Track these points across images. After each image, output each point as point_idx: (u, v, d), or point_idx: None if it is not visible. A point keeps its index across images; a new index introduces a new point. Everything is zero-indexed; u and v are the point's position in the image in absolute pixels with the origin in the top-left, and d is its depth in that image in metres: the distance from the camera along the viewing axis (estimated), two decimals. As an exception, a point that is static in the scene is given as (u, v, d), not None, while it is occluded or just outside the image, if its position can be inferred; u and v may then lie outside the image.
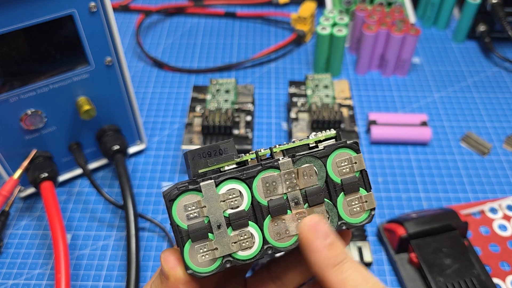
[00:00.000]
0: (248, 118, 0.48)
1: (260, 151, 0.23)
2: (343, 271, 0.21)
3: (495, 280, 0.39)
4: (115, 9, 0.67)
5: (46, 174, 0.40)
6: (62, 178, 0.45)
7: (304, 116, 0.47)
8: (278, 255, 0.25)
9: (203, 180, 0.22)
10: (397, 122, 0.50)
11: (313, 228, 0.22)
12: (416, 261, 0.38)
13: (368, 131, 0.51)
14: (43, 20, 0.35)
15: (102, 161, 0.47)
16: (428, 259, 0.38)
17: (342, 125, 0.46)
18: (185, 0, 0.69)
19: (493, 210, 0.44)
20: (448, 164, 0.48)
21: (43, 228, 0.43)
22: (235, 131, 0.46)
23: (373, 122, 0.50)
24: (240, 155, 0.23)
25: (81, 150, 0.44)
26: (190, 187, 0.22)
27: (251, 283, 0.28)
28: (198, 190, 0.22)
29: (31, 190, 0.44)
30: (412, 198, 0.45)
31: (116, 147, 0.43)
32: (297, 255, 0.26)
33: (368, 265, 0.38)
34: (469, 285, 0.36)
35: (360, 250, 0.39)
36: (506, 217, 0.43)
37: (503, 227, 0.42)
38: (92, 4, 0.36)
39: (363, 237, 0.40)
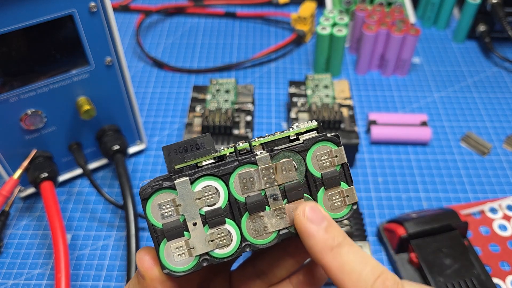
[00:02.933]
0: (248, 118, 0.48)
1: (239, 144, 0.22)
2: (341, 255, 0.21)
3: (495, 280, 0.39)
4: (115, 9, 0.67)
5: (46, 174, 0.40)
6: (62, 178, 0.45)
7: (304, 116, 0.47)
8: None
9: (178, 177, 0.21)
10: (397, 122, 0.50)
11: (307, 214, 0.21)
12: (416, 261, 0.38)
13: (368, 131, 0.51)
14: (43, 20, 0.35)
15: (102, 161, 0.47)
16: (428, 259, 0.38)
17: (342, 125, 0.46)
18: (185, 0, 0.69)
19: (493, 210, 0.44)
20: (448, 164, 0.48)
21: (43, 228, 0.43)
22: (235, 131, 0.46)
23: (373, 122, 0.50)
24: (218, 149, 0.22)
25: (81, 150, 0.44)
26: (164, 185, 0.21)
27: (236, 278, 0.28)
28: (173, 188, 0.21)
29: (31, 190, 0.44)
30: (412, 198, 0.45)
31: (116, 147, 0.43)
32: (281, 250, 0.26)
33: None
34: (469, 285, 0.36)
35: (360, 250, 0.38)
36: (506, 217, 0.43)
37: (503, 227, 0.42)
38: (92, 4, 0.36)
39: (363, 237, 0.40)
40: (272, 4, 0.69)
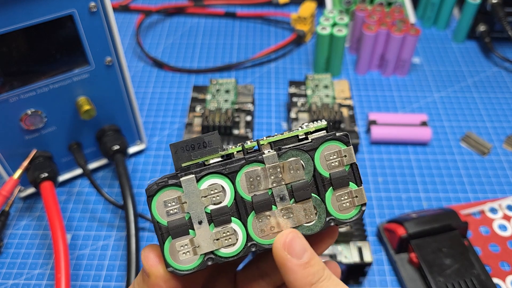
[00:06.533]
0: (248, 118, 0.48)
1: (247, 143, 0.22)
2: None
3: (495, 280, 0.39)
4: (115, 9, 0.67)
5: (46, 174, 0.40)
6: (62, 178, 0.45)
7: (304, 116, 0.47)
8: None
9: (184, 175, 0.21)
10: (397, 122, 0.50)
11: (287, 246, 0.21)
12: (416, 261, 0.38)
13: (368, 131, 0.51)
14: (43, 20, 0.35)
15: (102, 161, 0.47)
16: (428, 259, 0.38)
17: (342, 125, 0.46)
18: (185, 0, 0.69)
19: (493, 210, 0.44)
20: (448, 164, 0.48)
21: (43, 228, 0.43)
22: (235, 131, 0.46)
23: (373, 122, 0.50)
24: (225, 148, 0.22)
25: (81, 150, 0.44)
26: (170, 182, 0.21)
27: (241, 279, 0.28)
28: (179, 185, 0.21)
29: (31, 190, 0.44)
30: (412, 198, 0.45)
31: (116, 147, 0.43)
32: None
33: (368, 265, 0.38)
34: (469, 285, 0.36)
35: (360, 250, 0.39)
36: (506, 217, 0.43)
37: (503, 227, 0.42)
38: (92, 4, 0.36)
39: (363, 237, 0.40)
40: (272, 4, 0.69)
